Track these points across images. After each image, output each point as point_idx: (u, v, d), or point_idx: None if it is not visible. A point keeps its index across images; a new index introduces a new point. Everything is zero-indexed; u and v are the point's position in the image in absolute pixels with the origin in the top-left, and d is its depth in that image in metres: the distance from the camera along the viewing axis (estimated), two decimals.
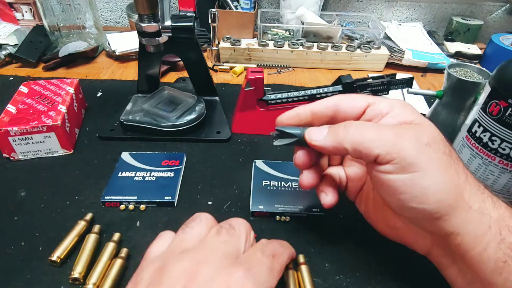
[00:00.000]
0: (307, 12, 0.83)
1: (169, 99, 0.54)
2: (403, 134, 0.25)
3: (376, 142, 0.25)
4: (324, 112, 0.30)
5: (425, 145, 0.25)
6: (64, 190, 0.42)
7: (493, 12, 0.97)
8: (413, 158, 0.24)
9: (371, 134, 0.25)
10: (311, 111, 0.30)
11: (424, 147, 0.25)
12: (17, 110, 0.46)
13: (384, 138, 0.25)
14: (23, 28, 0.77)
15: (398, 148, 0.24)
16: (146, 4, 0.44)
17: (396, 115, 0.28)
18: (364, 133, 0.26)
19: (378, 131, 0.26)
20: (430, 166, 0.24)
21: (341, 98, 0.30)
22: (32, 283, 0.32)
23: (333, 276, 0.34)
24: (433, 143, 0.25)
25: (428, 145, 0.25)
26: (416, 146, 0.24)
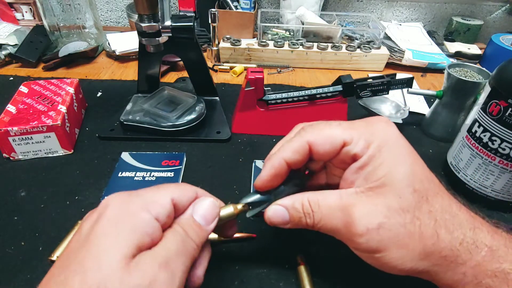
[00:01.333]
0: (307, 12, 0.83)
1: (169, 99, 0.54)
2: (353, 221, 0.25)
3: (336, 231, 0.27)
4: (297, 158, 0.28)
5: (376, 230, 0.25)
6: (64, 190, 0.42)
7: (493, 12, 0.97)
8: (366, 246, 0.25)
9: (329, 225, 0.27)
10: (284, 160, 0.28)
11: (375, 233, 0.25)
12: (17, 110, 0.46)
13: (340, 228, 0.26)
14: (23, 28, 0.77)
15: (349, 239, 0.26)
16: (146, 4, 0.44)
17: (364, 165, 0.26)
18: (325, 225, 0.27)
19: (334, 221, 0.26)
20: (386, 247, 0.25)
21: (314, 139, 0.27)
22: (32, 283, 0.32)
23: (333, 276, 0.34)
24: (387, 220, 0.24)
25: (381, 227, 0.25)
26: (367, 235, 0.25)
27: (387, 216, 0.25)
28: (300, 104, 0.51)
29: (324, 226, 0.27)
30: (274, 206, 0.28)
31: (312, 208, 0.27)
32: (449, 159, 0.45)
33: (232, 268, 0.34)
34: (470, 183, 0.42)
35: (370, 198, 0.25)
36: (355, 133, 0.27)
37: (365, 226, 0.25)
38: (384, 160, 0.26)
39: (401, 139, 0.27)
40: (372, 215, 0.25)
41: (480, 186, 0.41)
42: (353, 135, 0.27)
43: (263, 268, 0.34)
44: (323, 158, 0.28)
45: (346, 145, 0.27)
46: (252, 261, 0.34)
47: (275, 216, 0.28)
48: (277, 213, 0.28)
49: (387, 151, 0.26)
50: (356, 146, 0.26)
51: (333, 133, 0.27)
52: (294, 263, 0.34)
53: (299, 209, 0.27)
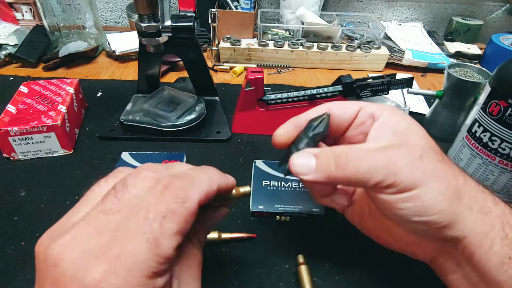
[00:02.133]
0: (307, 12, 0.83)
1: (169, 99, 0.54)
2: (395, 156, 0.25)
3: (371, 173, 0.25)
4: None
5: (418, 160, 0.25)
6: (64, 190, 0.42)
7: (493, 12, 0.97)
8: (409, 179, 0.24)
9: (364, 166, 0.25)
10: (306, 119, 0.30)
11: (417, 163, 0.25)
12: (17, 110, 0.46)
13: (377, 167, 0.25)
14: (23, 28, 0.77)
15: (393, 172, 0.24)
16: (146, 4, 0.44)
17: (387, 121, 0.28)
18: (357, 167, 0.25)
19: (370, 161, 0.25)
20: (427, 180, 0.24)
21: (333, 104, 0.30)
22: (32, 283, 0.32)
23: (333, 276, 0.34)
24: (425, 155, 0.25)
25: (421, 158, 0.25)
26: (410, 165, 0.25)
27: (425, 151, 0.25)
28: (300, 104, 0.51)
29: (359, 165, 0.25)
30: (300, 152, 0.27)
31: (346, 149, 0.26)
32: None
33: (232, 268, 0.34)
34: None
35: (404, 142, 0.26)
36: (368, 102, 0.30)
37: (408, 157, 0.25)
38: (401, 118, 0.28)
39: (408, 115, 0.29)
40: (413, 150, 0.25)
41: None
42: (367, 103, 0.30)
43: (263, 268, 0.34)
44: (341, 121, 0.30)
45: (362, 108, 0.29)
46: (252, 261, 0.34)
47: (301, 163, 0.26)
48: (303, 159, 0.27)
49: (400, 113, 0.29)
50: (372, 108, 0.29)
51: (350, 102, 0.30)
52: (294, 263, 0.34)
53: (329, 154, 0.26)
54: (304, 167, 0.26)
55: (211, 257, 0.34)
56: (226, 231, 0.36)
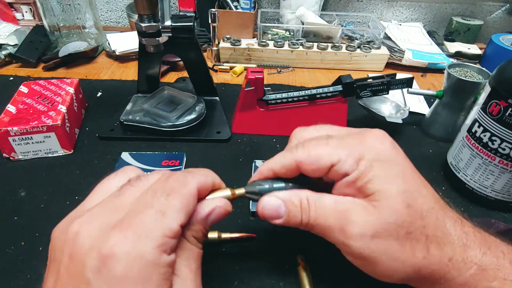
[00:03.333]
0: (307, 12, 0.83)
1: (169, 99, 0.54)
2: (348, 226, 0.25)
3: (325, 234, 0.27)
4: (286, 173, 0.28)
5: (370, 239, 0.25)
6: (64, 190, 0.42)
7: (493, 12, 0.97)
8: (358, 253, 0.25)
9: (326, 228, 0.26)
10: (272, 171, 0.29)
11: (369, 242, 0.25)
12: (17, 110, 0.46)
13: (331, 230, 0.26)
14: (23, 28, 0.77)
15: (343, 243, 0.26)
16: (146, 4, 0.44)
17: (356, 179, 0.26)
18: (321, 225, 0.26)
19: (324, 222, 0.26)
20: (377, 257, 0.25)
21: (302, 159, 0.27)
22: (32, 283, 0.32)
23: (333, 276, 0.34)
24: (382, 231, 0.25)
25: (375, 237, 0.25)
26: (360, 242, 0.25)
27: (382, 228, 0.25)
28: (300, 104, 0.51)
29: (318, 224, 0.26)
30: (270, 196, 0.27)
31: (310, 204, 0.27)
32: (449, 159, 0.45)
33: (232, 268, 0.34)
34: (470, 183, 0.42)
35: (366, 208, 0.25)
36: (343, 153, 0.26)
37: (359, 233, 0.25)
38: (376, 176, 0.25)
39: (394, 153, 0.27)
40: (368, 223, 0.25)
41: (480, 186, 0.41)
42: (341, 155, 0.26)
43: (263, 268, 0.34)
44: (312, 175, 0.28)
45: (333, 166, 0.26)
46: (252, 261, 0.34)
47: (269, 207, 0.27)
48: (271, 204, 0.27)
49: (379, 166, 0.25)
50: (344, 164, 0.26)
51: (321, 154, 0.27)
52: (294, 263, 0.34)
53: (297, 204, 0.27)
54: (272, 212, 0.27)
55: (211, 257, 0.34)
56: (226, 231, 0.36)
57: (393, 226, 0.25)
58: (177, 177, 0.23)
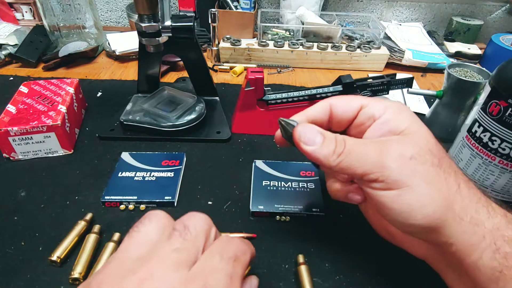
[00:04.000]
0: (307, 12, 0.83)
1: (169, 99, 0.54)
2: (386, 150, 0.25)
3: (359, 163, 0.25)
4: (319, 117, 0.30)
5: (409, 160, 0.24)
6: (64, 190, 0.42)
7: (493, 12, 0.97)
8: (396, 175, 0.24)
9: (354, 155, 0.26)
10: (306, 116, 0.30)
11: (408, 162, 0.24)
12: (17, 110, 0.46)
13: (367, 157, 0.25)
14: (23, 28, 0.77)
15: (381, 166, 0.24)
16: (146, 4, 0.44)
17: (386, 121, 0.27)
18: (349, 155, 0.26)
19: (361, 150, 0.26)
20: (415, 181, 0.24)
21: (335, 101, 0.30)
22: (32, 283, 0.32)
23: (333, 276, 0.34)
24: (418, 156, 0.25)
25: (413, 158, 0.24)
26: (399, 162, 0.24)
27: (419, 153, 0.25)
28: (300, 104, 0.51)
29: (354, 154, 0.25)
30: (309, 125, 0.28)
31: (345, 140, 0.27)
32: None
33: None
34: None
35: (401, 139, 0.26)
36: (372, 100, 0.29)
37: (399, 154, 0.25)
38: (405, 117, 0.27)
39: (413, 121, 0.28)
40: (406, 148, 0.25)
41: (480, 186, 0.41)
42: (370, 101, 0.29)
43: (263, 268, 0.34)
44: (342, 120, 0.30)
45: (363, 107, 0.29)
46: (252, 261, 0.34)
47: (307, 132, 0.27)
48: (310, 131, 0.27)
49: (405, 111, 0.28)
50: (373, 107, 0.28)
51: (352, 98, 0.30)
52: (294, 263, 0.34)
53: (332, 137, 0.27)
54: (309, 138, 0.27)
55: None
56: (226, 231, 0.36)
57: (428, 153, 0.25)
58: (237, 245, 0.24)
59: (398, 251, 0.32)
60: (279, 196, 0.40)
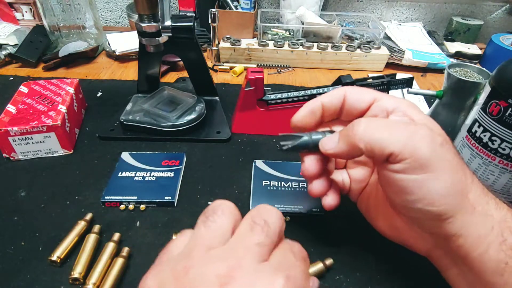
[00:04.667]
0: (307, 12, 0.83)
1: (169, 99, 0.54)
2: (417, 133, 0.25)
3: (390, 140, 0.24)
4: (334, 103, 0.31)
5: (439, 146, 0.24)
6: (64, 190, 0.42)
7: (493, 12, 0.97)
8: (427, 159, 0.24)
9: (384, 132, 0.25)
10: (321, 102, 0.31)
11: (438, 148, 0.24)
12: (17, 110, 0.46)
13: (397, 136, 0.24)
14: (23, 28, 0.77)
15: (412, 147, 0.24)
16: (146, 4, 0.44)
17: (402, 114, 0.28)
18: (376, 132, 0.25)
19: (390, 129, 0.25)
20: (442, 167, 0.24)
21: (349, 90, 0.30)
22: (32, 283, 0.32)
23: (333, 276, 0.34)
24: (445, 143, 0.25)
25: (442, 145, 0.25)
26: (431, 146, 0.24)
27: (446, 140, 0.25)
28: (300, 104, 0.51)
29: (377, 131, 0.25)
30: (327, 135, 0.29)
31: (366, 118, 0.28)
32: None
33: None
34: None
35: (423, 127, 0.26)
36: (385, 95, 0.29)
37: (429, 139, 0.24)
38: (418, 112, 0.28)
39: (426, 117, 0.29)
40: (434, 134, 0.25)
41: None
42: (384, 96, 0.29)
43: None
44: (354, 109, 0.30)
45: (376, 101, 0.29)
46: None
47: (329, 142, 0.28)
48: (330, 139, 0.28)
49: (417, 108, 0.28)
50: (387, 102, 0.29)
51: (366, 90, 0.30)
52: None
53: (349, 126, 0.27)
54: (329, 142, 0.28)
55: None
56: None
57: (449, 143, 0.26)
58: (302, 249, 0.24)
59: (398, 251, 0.32)
60: (279, 196, 0.40)
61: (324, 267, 0.33)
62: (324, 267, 0.33)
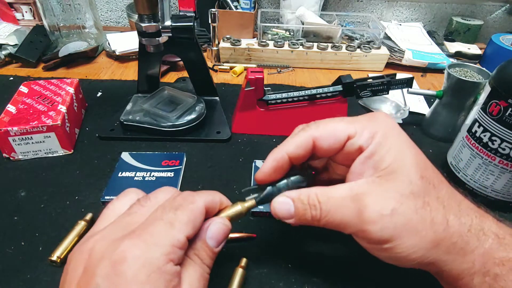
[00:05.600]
0: (307, 12, 0.83)
1: (169, 99, 0.54)
2: (365, 209, 0.25)
3: (343, 225, 0.26)
4: (300, 153, 0.28)
5: (389, 216, 0.24)
6: (64, 190, 0.42)
7: (493, 12, 0.97)
8: (379, 235, 0.25)
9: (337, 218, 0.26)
10: (286, 153, 0.28)
11: (388, 219, 0.24)
12: (17, 110, 0.46)
13: (349, 220, 0.26)
14: (23, 28, 0.77)
15: (362, 230, 0.25)
16: (146, 4, 0.44)
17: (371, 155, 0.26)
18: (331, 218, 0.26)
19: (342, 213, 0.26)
20: (399, 235, 0.24)
21: (318, 134, 0.28)
22: (32, 283, 0.32)
23: (333, 276, 0.34)
24: (399, 206, 0.24)
25: (393, 212, 0.24)
26: (380, 221, 0.24)
27: (400, 202, 0.24)
28: (300, 104, 0.51)
29: (332, 218, 0.26)
30: (280, 197, 0.28)
31: (320, 199, 0.26)
32: (449, 159, 0.45)
33: (232, 268, 0.34)
34: (470, 183, 0.42)
35: (381, 186, 0.25)
36: (358, 126, 0.27)
37: (378, 213, 0.24)
38: (391, 147, 0.26)
39: (401, 131, 0.28)
40: (385, 201, 0.25)
41: (480, 186, 0.41)
42: (357, 128, 0.27)
43: (263, 268, 0.34)
44: (327, 153, 0.28)
45: (350, 138, 0.27)
46: (252, 261, 0.34)
47: (281, 208, 0.28)
48: (283, 205, 0.28)
49: (392, 138, 0.26)
50: (360, 137, 0.27)
51: (337, 128, 0.27)
52: (294, 263, 0.34)
53: (305, 201, 0.27)
54: (284, 213, 0.28)
55: None
56: None
57: (410, 198, 0.25)
58: (185, 196, 0.25)
59: None
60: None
61: None
62: None
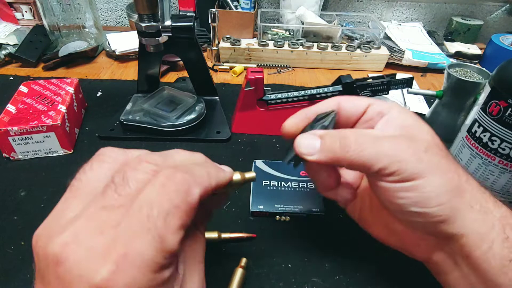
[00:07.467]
0: (307, 12, 0.83)
1: (169, 99, 0.54)
2: (401, 145, 0.25)
3: (376, 158, 0.25)
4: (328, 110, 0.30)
5: (423, 152, 0.25)
6: (64, 190, 0.42)
7: (493, 12, 0.97)
8: (413, 168, 0.24)
9: (370, 150, 0.25)
10: (315, 112, 0.30)
11: (422, 155, 0.25)
12: (17, 110, 0.46)
13: (383, 153, 0.25)
14: (23, 28, 0.77)
15: (397, 160, 0.25)
16: (146, 4, 0.44)
17: (393, 118, 0.28)
18: (363, 150, 0.25)
19: (376, 146, 0.25)
20: (430, 172, 0.24)
21: (343, 99, 0.30)
22: (32, 283, 0.32)
23: (333, 276, 0.34)
24: (431, 148, 0.26)
25: (426, 151, 0.25)
26: (415, 155, 0.25)
27: (431, 145, 0.26)
28: (300, 104, 0.51)
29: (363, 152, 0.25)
30: (306, 133, 0.28)
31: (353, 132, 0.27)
32: None
33: (232, 268, 0.34)
34: None
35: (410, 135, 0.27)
36: (377, 99, 0.30)
37: (412, 149, 0.25)
38: (409, 116, 0.28)
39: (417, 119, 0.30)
40: (418, 143, 0.26)
41: None
42: (376, 100, 0.30)
43: (263, 268, 0.34)
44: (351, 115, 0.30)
45: (371, 105, 0.30)
46: (252, 261, 0.34)
47: (305, 143, 0.27)
48: (308, 139, 0.27)
49: (408, 112, 0.29)
50: (380, 106, 0.29)
51: (359, 98, 0.31)
52: (294, 263, 0.34)
53: (335, 135, 0.27)
54: (308, 147, 0.27)
55: (211, 257, 0.34)
56: (226, 231, 0.36)
57: (437, 146, 0.26)
58: (177, 186, 0.19)
59: (398, 251, 0.32)
60: (279, 196, 0.40)
61: None
62: None
